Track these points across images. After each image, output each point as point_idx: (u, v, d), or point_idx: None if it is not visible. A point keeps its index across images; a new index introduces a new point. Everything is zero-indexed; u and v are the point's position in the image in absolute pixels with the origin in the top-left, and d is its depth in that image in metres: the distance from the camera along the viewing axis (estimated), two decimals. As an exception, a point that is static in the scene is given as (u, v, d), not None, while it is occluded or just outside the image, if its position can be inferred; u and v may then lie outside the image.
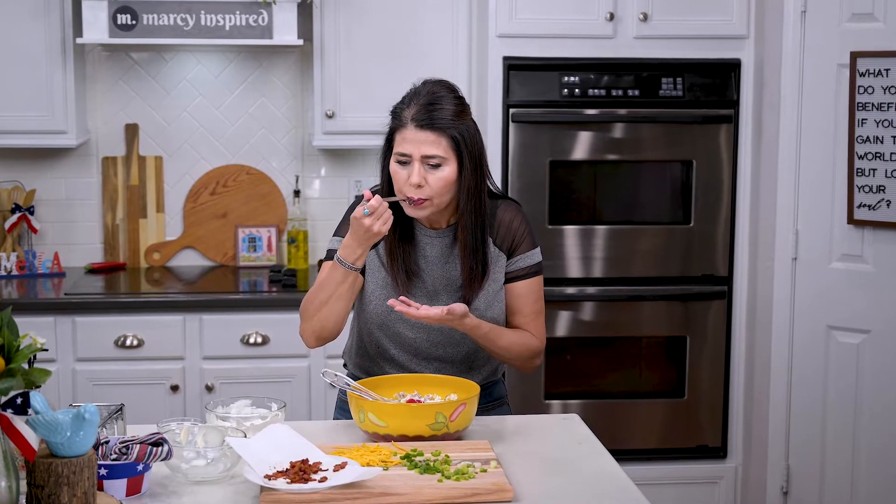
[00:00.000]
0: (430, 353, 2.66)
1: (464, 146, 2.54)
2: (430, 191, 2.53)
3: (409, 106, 2.55)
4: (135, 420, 2.53)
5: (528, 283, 2.69)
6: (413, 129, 2.52)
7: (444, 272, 2.65)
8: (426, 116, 2.52)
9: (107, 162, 4.59)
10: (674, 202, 4.28)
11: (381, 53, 4.31)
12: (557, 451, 2.41)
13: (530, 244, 2.68)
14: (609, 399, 4.32)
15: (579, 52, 4.16)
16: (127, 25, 4.11)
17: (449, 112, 2.53)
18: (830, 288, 4.02)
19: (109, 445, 2.08)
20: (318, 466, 2.15)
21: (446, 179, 2.53)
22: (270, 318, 4.14)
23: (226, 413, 2.43)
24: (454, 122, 2.53)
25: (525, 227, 2.69)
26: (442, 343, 2.66)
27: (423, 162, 2.52)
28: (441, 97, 2.55)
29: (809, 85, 4.02)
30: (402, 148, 2.54)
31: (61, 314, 4.06)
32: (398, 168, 2.56)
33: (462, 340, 2.66)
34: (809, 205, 4.05)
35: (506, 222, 2.67)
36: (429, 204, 2.55)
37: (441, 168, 2.53)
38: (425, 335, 2.65)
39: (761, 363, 4.26)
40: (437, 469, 2.19)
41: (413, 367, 2.67)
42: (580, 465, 2.33)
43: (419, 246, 2.65)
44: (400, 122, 2.55)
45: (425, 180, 2.52)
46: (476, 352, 2.68)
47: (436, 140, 2.52)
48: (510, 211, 2.69)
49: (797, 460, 4.16)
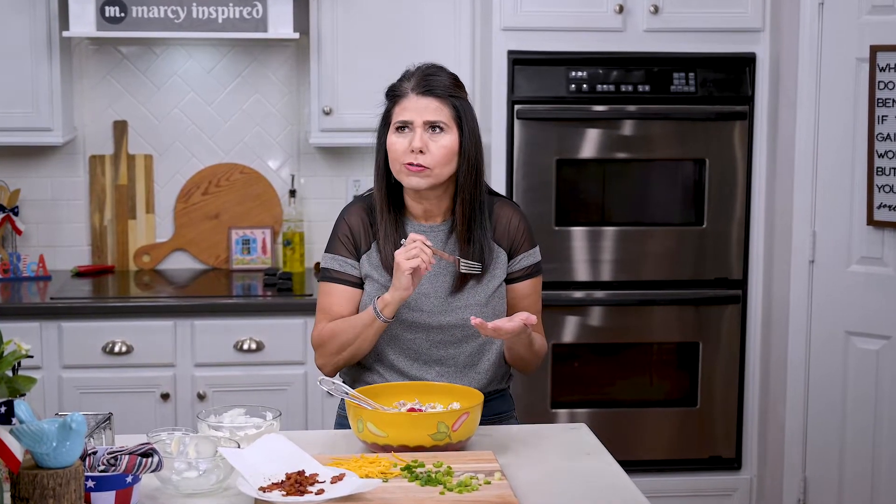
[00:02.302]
0: (430, 355, 2.67)
1: (464, 117, 2.62)
2: (431, 159, 2.58)
3: (408, 80, 2.65)
4: (124, 430, 2.53)
5: (531, 282, 2.74)
6: (414, 97, 2.60)
7: (439, 268, 2.66)
8: (426, 83, 2.61)
9: (94, 160, 4.59)
10: (686, 202, 4.28)
11: (380, 48, 4.32)
12: (564, 463, 2.41)
13: (531, 243, 2.74)
14: (618, 408, 4.32)
15: (587, 46, 4.16)
16: (115, 18, 4.11)
17: (447, 81, 2.64)
18: (849, 292, 4.02)
19: (97, 456, 2.08)
20: (315, 478, 2.15)
21: (448, 147, 2.59)
22: (265, 323, 4.14)
23: (218, 422, 2.43)
24: (454, 92, 2.63)
25: (525, 226, 2.74)
26: (443, 343, 2.66)
27: (425, 127, 2.58)
28: (438, 69, 2.67)
29: (827, 80, 4.02)
30: (404, 116, 2.60)
31: (47, 319, 4.06)
32: (397, 138, 2.61)
33: (463, 339, 2.66)
34: (827, 205, 4.05)
35: (504, 219, 2.71)
36: (429, 173, 2.58)
37: (443, 134, 2.59)
38: (424, 335, 2.65)
39: (777, 370, 4.26)
40: (438, 481, 2.19)
41: (413, 373, 2.68)
42: (588, 476, 2.33)
43: None
44: (399, 93, 2.63)
45: (427, 147, 2.57)
46: (478, 352, 2.68)
47: (438, 106, 2.60)
48: (508, 208, 2.74)
49: (814, 472, 4.16)
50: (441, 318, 2.64)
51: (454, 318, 2.64)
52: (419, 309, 2.64)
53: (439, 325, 2.64)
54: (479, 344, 2.68)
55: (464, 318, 2.64)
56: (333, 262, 2.69)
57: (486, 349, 2.68)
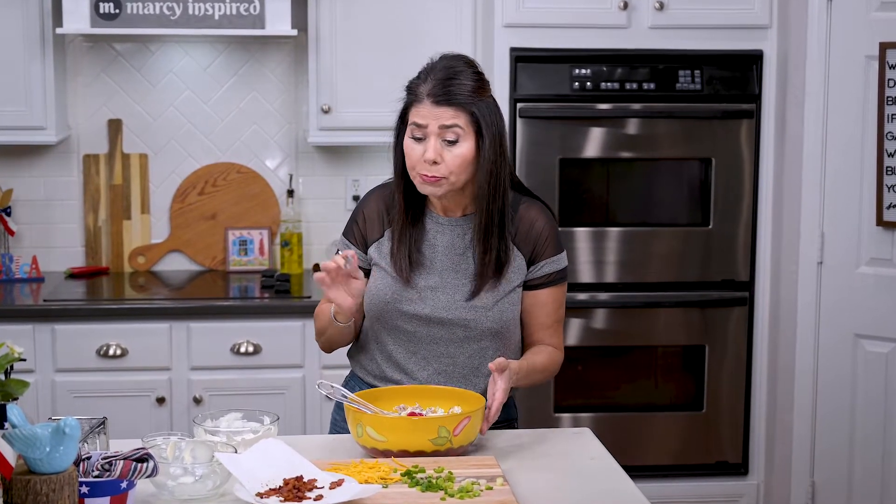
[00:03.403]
0: (429, 350, 2.65)
1: (483, 123, 2.55)
2: (446, 169, 2.54)
3: (426, 81, 2.56)
4: (118, 434, 2.53)
5: (552, 290, 2.68)
6: (429, 106, 2.53)
7: (453, 263, 2.64)
8: (443, 91, 2.53)
9: (88, 160, 4.59)
10: (692, 203, 4.28)
11: (380, 45, 4.32)
12: (568, 468, 2.41)
13: (555, 248, 2.67)
14: (623, 412, 4.32)
15: (591, 43, 4.16)
16: (110, 15, 4.11)
17: (467, 87, 2.54)
18: (858, 294, 4.02)
19: (91, 461, 2.08)
20: (314, 484, 2.15)
21: (463, 157, 2.54)
22: (262, 326, 4.14)
23: (215, 427, 2.43)
24: (473, 98, 2.54)
25: (550, 230, 2.68)
26: (443, 340, 2.64)
27: (440, 137, 2.53)
28: (459, 72, 2.56)
29: (836, 78, 4.02)
30: (418, 121, 2.55)
31: (40, 322, 4.06)
32: (413, 144, 2.57)
33: (465, 340, 2.64)
34: (836, 205, 4.05)
35: (528, 221, 2.67)
36: (444, 181, 2.55)
37: (458, 145, 2.54)
38: (425, 328, 2.64)
39: (784, 374, 4.26)
40: (439, 487, 2.19)
41: (409, 367, 2.66)
42: (592, 482, 2.33)
43: (428, 233, 2.66)
44: (415, 97, 2.56)
45: (441, 157, 2.54)
46: (479, 354, 2.66)
47: (454, 115, 2.53)
48: (534, 210, 2.69)
49: (823, 477, 4.16)
50: (444, 313, 2.62)
51: (455, 316, 2.62)
52: (423, 301, 2.63)
53: (440, 320, 2.62)
54: (481, 347, 2.66)
55: (466, 318, 2.62)
56: (343, 246, 2.72)
57: (487, 353, 2.66)
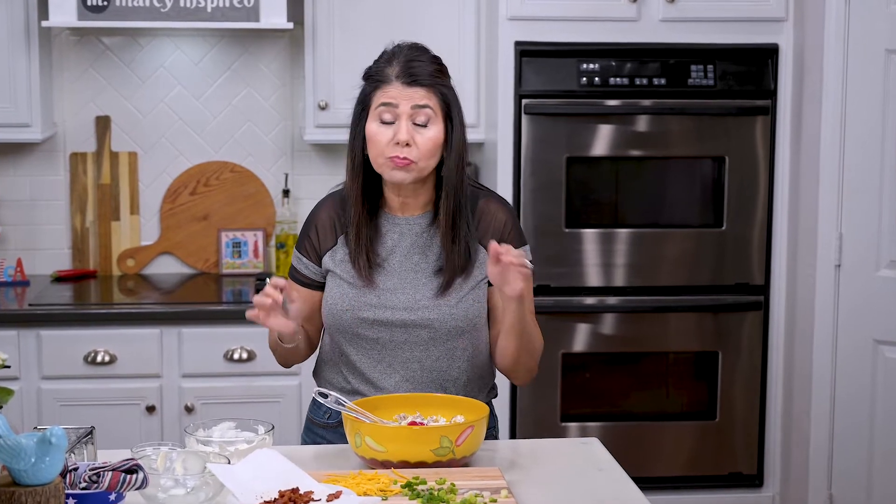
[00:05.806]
0: (395, 356, 2.65)
1: (452, 106, 2.60)
2: (417, 153, 2.57)
3: (391, 64, 2.61)
4: (106, 444, 2.53)
5: None
6: (400, 87, 2.57)
7: (412, 263, 2.65)
8: (413, 72, 2.58)
9: (75, 158, 4.60)
10: (704, 203, 4.28)
11: (379, 38, 4.25)
12: (575, 479, 2.41)
13: (519, 242, 2.67)
14: (632, 421, 4.32)
15: (599, 37, 4.16)
16: (97, 7, 4.12)
17: (433, 69, 2.60)
18: (878, 298, 4.02)
19: (78, 473, 2.08)
20: (310, 496, 2.15)
21: (434, 140, 2.58)
22: (257, 331, 4.14)
23: (207, 437, 2.43)
24: (440, 80, 2.60)
25: (513, 223, 2.70)
26: (408, 344, 2.64)
27: (411, 119, 2.56)
28: (422, 55, 2.63)
29: (854, 73, 4.02)
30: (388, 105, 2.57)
31: (25, 327, 4.07)
32: (380, 128, 2.59)
33: (431, 342, 2.64)
34: (854, 206, 4.05)
35: (489, 214, 2.68)
36: (414, 167, 2.58)
37: (428, 128, 2.58)
38: (387, 333, 2.63)
39: (801, 381, 4.26)
40: (441, 499, 2.19)
41: (374, 376, 2.66)
42: (600, 494, 2.33)
43: (384, 235, 2.67)
44: (382, 80, 2.60)
45: (413, 139, 2.56)
46: (447, 356, 2.65)
47: (425, 96, 2.57)
48: (493, 203, 2.70)
49: (841, 489, 4.16)
50: (406, 315, 2.62)
51: (418, 317, 2.62)
52: (383, 306, 2.63)
53: (402, 322, 2.62)
54: (448, 349, 2.65)
55: (430, 318, 2.62)
56: (296, 260, 2.77)
57: (455, 356, 2.66)
